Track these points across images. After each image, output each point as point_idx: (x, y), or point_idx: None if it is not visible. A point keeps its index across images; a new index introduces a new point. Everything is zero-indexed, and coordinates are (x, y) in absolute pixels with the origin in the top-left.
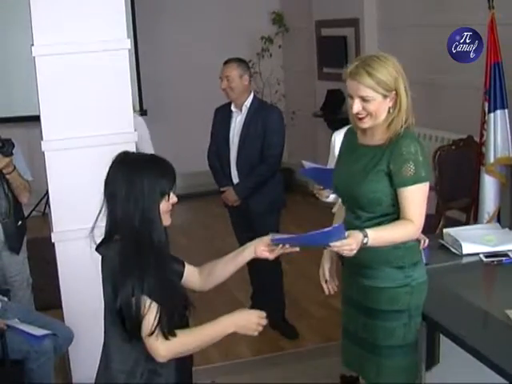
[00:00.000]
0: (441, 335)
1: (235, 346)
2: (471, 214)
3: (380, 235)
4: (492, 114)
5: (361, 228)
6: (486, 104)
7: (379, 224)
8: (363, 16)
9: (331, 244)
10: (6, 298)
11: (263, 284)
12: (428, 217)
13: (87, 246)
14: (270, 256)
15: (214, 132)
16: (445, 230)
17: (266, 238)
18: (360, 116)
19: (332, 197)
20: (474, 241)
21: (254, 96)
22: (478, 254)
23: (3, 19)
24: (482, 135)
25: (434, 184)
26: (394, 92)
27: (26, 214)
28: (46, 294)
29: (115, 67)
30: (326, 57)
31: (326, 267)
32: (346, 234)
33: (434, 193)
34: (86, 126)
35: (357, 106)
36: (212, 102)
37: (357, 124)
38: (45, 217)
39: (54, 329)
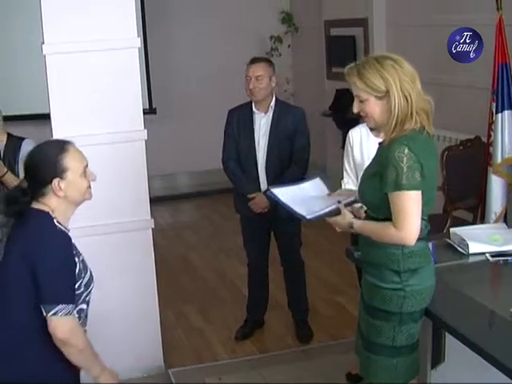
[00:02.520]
0: (446, 334)
1: (242, 343)
2: (478, 214)
3: (365, 227)
4: (500, 115)
5: None
6: (494, 104)
7: None
8: (372, 16)
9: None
10: None
11: (292, 282)
12: (435, 216)
13: (93, 243)
14: None
15: (230, 135)
16: (451, 230)
17: None
18: (362, 115)
19: None
20: (481, 240)
21: (276, 97)
22: (484, 253)
23: (14, 18)
24: (489, 135)
25: (441, 184)
26: (387, 94)
27: None
28: None
29: (125, 66)
30: (335, 56)
31: None
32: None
33: (441, 192)
34: (96, 124)
35: (355, 106)
36: (222, 101)
37: None
38: None
39: None
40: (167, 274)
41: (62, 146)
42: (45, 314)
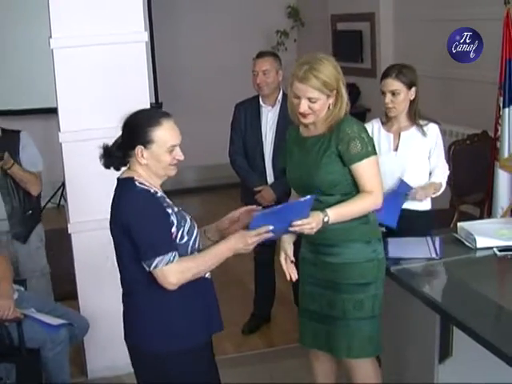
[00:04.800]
0: (454, 328)
1: (249, 338)
2: (485, 209)
3: (339, 211)
4: (507, 109)
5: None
6: (501, 99)
7: None
8: (379, 10)
9: (294, 223)
10: (22, 288)
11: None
12: (442, 211)
13: (103, 236)
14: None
15: (237, 129)
16: (459, 224)
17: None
18: (305, 113)
19: None
20: (488, 235)
21: (283, 90)
22: (491, 247)
23: (23, 12)
24: (496, 130)
25: (448, 178)
26: (335, 91)
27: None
28: (61, 284)
29: (132, 60)
30: (342, 51)
31: (288, 252)
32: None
33: (448, 187)
34: (103, 118)
35: (303, 107)
36: (228, 95)
37: (300, 120)
38: (60, 208)
39: (70, 319)
40: None
41: (158, 118)
42: (148, 269)
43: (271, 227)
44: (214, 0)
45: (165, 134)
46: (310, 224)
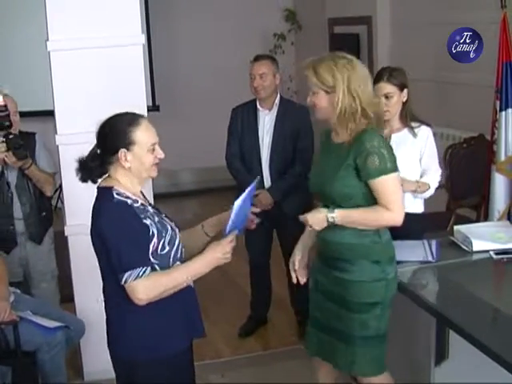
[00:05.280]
0: (450, 331)
1: (245, 340)
2: (482, 212)
3: (350, 213)
4: (503, 113)
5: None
6: (498, 102)
7: None
8: (376, 14)
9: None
10: (18, 290)
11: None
12: (439, 214)
13: None
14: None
15: (234, 132)
16: (455, 227)
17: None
18: (310, 106)
19: None
20: (485, 238)
21: (280, 94)
22: (488, 251)
23: (21, 15)
24: (493, 133)
25: (444, 182)
26: (335, 89)
27: None
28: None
29: (129, 62)
30: None
31: (296, 257)
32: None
33: (445, 190)
34: (100, 121)
35: (308, 97)
36: (225, 98)
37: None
38: (57, 211)
39: (67, 321)
40: None
41: (136, 119)
42: (121, 283)
43: (237, 231)
44: (211, 3)
45: (144, 134)
46: (311, 220)
